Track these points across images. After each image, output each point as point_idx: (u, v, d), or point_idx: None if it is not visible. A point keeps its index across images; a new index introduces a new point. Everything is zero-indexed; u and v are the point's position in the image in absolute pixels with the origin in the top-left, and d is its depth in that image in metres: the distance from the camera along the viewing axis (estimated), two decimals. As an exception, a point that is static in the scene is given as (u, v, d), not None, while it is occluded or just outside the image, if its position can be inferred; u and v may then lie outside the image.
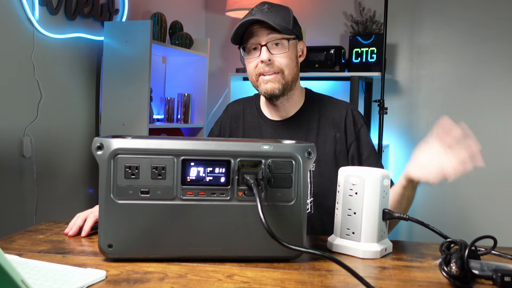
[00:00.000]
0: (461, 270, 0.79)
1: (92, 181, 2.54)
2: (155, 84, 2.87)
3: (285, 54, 1.26)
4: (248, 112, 1.40)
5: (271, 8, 1.26)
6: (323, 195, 1.29)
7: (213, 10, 3.52)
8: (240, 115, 1.41)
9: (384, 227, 0.97)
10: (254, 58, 1.26)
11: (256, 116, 1.39)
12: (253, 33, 1.25)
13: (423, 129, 3.01)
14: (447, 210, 2.95)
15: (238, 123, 1.41)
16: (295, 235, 0.88)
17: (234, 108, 1.44)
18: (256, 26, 1.25)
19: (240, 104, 1.44)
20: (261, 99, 1.40)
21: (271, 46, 1.24)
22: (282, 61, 1.25)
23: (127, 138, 0.88)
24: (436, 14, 2.96)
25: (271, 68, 1.25)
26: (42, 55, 2.21)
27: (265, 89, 1.26)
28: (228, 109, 1.46)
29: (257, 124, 1.37)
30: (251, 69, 1.28)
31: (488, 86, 2.86)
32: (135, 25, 2.46)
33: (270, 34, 1.24)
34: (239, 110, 1.42)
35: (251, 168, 0.88)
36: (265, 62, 1.24)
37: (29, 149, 2.16)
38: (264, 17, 1.22)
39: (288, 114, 1.34)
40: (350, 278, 0.81)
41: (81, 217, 1.09)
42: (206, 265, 0.87)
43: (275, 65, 1.25)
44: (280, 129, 1.33)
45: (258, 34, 1.25)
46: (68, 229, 1.08)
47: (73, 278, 0.77)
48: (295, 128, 1.32)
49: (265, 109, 1.38)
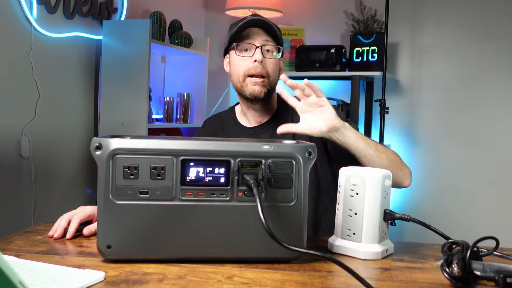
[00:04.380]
0: (463, 271, 0.78)
1: (91, 181, 2.53)
2: (154, 83, 2.86)
3: (275, 61, 1.33)
4: (226, 124, 1.44)
5: (265, 19, 1.33)
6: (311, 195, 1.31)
7: (213, 9, 3.51)
8: (218, 129, 1.45)
9: (385, 228, 0.97)
10: (247, 57, 1.31)
11: (234, 127, 1.43)
12: (250, 34, 1.32)
13: (425, 129, 3.01)
14: (448, 210, 2.95)
15: (218, 136, 1.43)
16: (295, 236, 0.88)
17: (211, 124, 1.48)
18: (253, 29, 1.32)
19: (216, 119, 1.48)
20: (237, 109, 1.45)
21: (264, 50, 1.31)
22: (271, 66, 1.32)
23: (126, 138, 0.87)
24: (437, 12, 2.96)
25: (262, 70, 1.30)
26: (40, 54, 2.20)
27: (252, 90, 1.31)
28: (205, 126, 1.50)
29: (237, 134, 1.40)
30: (240, 68, 1.32)
31: (490, 85, 2.86)
32: (134, 24, 2.45)
33: (265, 39, 1.32)
34: (217, 125, 1.46)
35: (251, 169, 0.87)
36: (258, 61, 1.29)
37: (27, 149, 2.15)
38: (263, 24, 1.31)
39: (264, 119, 1.39)
40: (351, 279, 0.81)
41: (65, 219, 1.07)
42: (205, 266, 0.86)
43: (265, 68, 1.31)
44: (259, 134, 1.38)
45: (254, 37, 1.31)
46: (52, 231, 1.05)
47: (72, 279, 0.76)
48: (272, 131, 1.35)
49: (241, 118, 1.43)
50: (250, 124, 1.40)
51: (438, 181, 2.98)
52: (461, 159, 2.92)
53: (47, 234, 1.06)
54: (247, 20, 1.30)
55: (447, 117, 2.96)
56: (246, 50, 1.32)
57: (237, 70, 1.33)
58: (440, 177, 2.98)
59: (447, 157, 2.96)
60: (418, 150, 3.01)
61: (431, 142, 3.00)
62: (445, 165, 2.97)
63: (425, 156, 3.01)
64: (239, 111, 1.43)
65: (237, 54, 1.33)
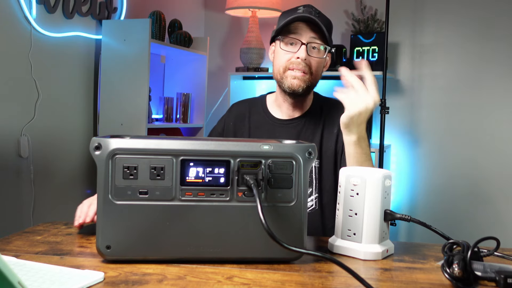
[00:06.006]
0: (463, 271, 0.78)
1: (90, 181, 2.53)
2: (153, 83, 2.86)
3: (319, 60, 1.32)
4: (254, 111, 1.44)
5: (319, 14, 1.32)
6: (326, 191, 1.34)
7: (213, 8, 3.50)
8: (245, 114, 1.44)
9: (386, 228, 0.96)
10: (290, 52, 1.30)
11: (262, 115, 1.42)
12: (298, 29, 1.30)
13: (425, 129, 3.01)
14: (448, 210, 2.95)
15: (244, 122, 1.43)
16: (295, 236, 0.87)
17: (239, 108, 1.47)
18: (302, 23, 1.30)
19: (245, 104, 1.48)
20: (269, 98, 1.45)
21: (310, 47, 1.30)
22: (314, 64, 1.31)
23: (125, 138, 0.87)
24: (438, 12, 2.95)
25: (304, 67, 1.29)
26: (39, 54, 2.19)
27: (290, 83, 1.31)
28: (232, 109, 1.49)
29: (264, 122, 1.40)
30: (282, 60, 1.32)
31: (491, 85, 2.86)
32: (133, 24, 2.45)
33: (312, 36, 1.30)
34: (244, 110, 1.45)
35: (251, 169, 0.87)
36: (301, 59, 1.28)
37: (26, 149, 2.15)
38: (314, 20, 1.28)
39: (296, 114, 1.39)
40: (351, 280, 0.80)
41: (86, 205, 1.09)
42: (205, 267, 0.86)
43: (308, 66, 1.30)
44: (288, 128, 1.38)
45: (301, 32, 1.30)
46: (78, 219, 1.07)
47: (71, 280, 0.76)
48: (302, 126, 1.38)
49: (272, 108, 1.42)
50: (281, 116, 1.40)
51: (438, 181, 2.98)
52: (461, 159, 2.92)
53: (46, 234, 1.06)
54: (298, 15, 1.28)
55: (448, 117, 2.95)
56: (291, 44, 1.31)
57: (279, 62, 1.33)
58: (440, 177, 2.97)
59: (447, 156, 2.96)
60: (418, 150, 3.01)
61: (431, 142, 2.99)
62: (445, 165, 2.96)
63: (426, 156, 3.00)
64: (272, 100, 1.43)
65: (282, 47, 1.32)
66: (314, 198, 1.35)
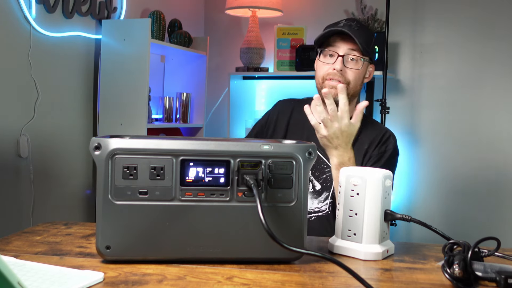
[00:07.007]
0: (464, 272, 0.78)
1: (90, 181, 2.53)
2: (153, 83, 2.86)
3: (356, 71, 1.40)
4: (298, 111, 1.51)
5: (359, 27, 1.39)
6: None
7: (213, 8, 3.50)
8: (288, 112, 1.54)
9: (386, 228, 0.96)
10: (328, 63, 1.40)
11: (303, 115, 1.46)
12: (336, 41, 1.39)
13: (425, 129, 3.00)
14: (449, 211, 2.94)
15: (284, 118, 1.52)
16: (295, 236, 0.87)
17: (285, 104, 1.57)
18: (340, 36, 1.38)
19: (291, 102, 1.58)
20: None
21: (347, 59, 1.38)
22: (352, 75, 1.39)
23: (125, 138, 0.87)
24: (438, 12, 2.95)
25: (340, 77, 1.37)
26: (39, 53, 2.19)
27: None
28: (278, 105, 1.60)
29: (303, 121, 1.45)
30: (321, 71, 1.41)
31: (491, 85, 2.86)
32: (133, 24, 2.45)
33: (349, 49, 1.38)
34: (288, 108, 1.55)
35: (251, 169, 0.86)
36: (336, 70, 1.37)
37: (25, 149, 2.14)
38: (352, 33, 1.36)
39: None
40: (351, 280, 0.80)
41: None
42: (205, 267, 0.86)
43: (344, 76, 1.38)
44: None
45: (339, 45, 1.39)
46: None
47: (70, 280, 0.76)
48: None
49: None
50: None
51: (438, 181, 2.98)
52: (461, 159, 2.92)
53: (46, 234, 1.06)
54: (335, 29, 1.37)
55: (448, 117, 2.95)
56: (330, 56, 1.40)
57: (319, 73, 1.43)
58: (440, 177, 2.97)
59: (447, 156, 2.95)
60: (419, 149, 3.01)
61: (431, 141, 2.99)
62: (445, 164, 2.96)
63: (426, 156, 3.00)
64: None
65: (320, 59, 1.42)
66: (329, 203, 1.41)
